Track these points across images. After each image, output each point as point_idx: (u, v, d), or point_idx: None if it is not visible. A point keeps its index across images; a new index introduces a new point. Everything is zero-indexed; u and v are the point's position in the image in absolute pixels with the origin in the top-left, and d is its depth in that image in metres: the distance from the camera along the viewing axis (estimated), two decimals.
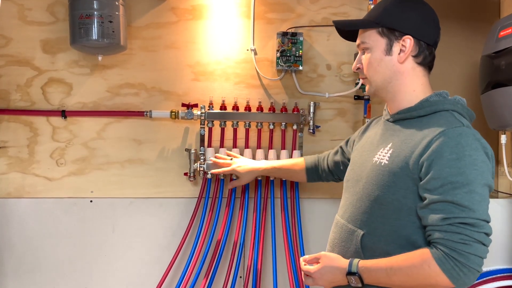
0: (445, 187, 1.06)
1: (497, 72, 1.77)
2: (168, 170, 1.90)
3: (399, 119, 1.25)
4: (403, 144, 1.17)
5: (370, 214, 1.20)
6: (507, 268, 1.94)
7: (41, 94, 1.84)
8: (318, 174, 1.66)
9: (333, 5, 1.94)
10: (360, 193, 1.24)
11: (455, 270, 1.03)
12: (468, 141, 1.08)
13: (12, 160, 1.84)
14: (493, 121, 1.84)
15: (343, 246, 1.26)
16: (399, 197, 1.14)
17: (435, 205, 1.07)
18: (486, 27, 1.94)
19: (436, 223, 1.07)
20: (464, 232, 1.04)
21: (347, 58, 1.95)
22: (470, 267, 1.03)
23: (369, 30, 1.23)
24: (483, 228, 1.05)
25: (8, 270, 1.84)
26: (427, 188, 1.09)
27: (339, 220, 1.31)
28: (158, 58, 1.89)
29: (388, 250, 1.15)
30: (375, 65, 1.23)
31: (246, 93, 1.92)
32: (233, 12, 1.91)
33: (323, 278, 1.23)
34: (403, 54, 1.21)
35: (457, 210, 1.05)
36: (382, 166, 1.19)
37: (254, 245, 1.84)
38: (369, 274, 1.14)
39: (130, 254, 1.89)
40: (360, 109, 1.96)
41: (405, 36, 1.20)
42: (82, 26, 1.64)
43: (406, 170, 1.13)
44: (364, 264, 1.15)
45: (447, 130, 1.10)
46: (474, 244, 1.03)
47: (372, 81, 1.26)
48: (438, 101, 1.20)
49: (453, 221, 1.05)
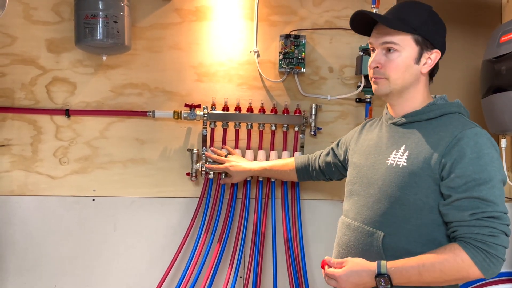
0: (469, 184, 1.13)
1: (498, 77, 1.78)
2: (170, 170, 1.91)
3: (407, 122, 1.28)
4: (419, 146, 1.22)
5: (391, 215, 1.23)
6: (508, 272, 1.95)
7: (45, 93, 1.86)
8: (309, 173, 1.70)
9: (335, 8, 1.96)
10: (377, 195, 1.26)
11: (485, 262, 1.10)
12: (484, 140, 1.16)
13: (15, 158, 1.85)
14: (493, 125, 1.85)
15: (361, 248, 1.27)
16: (421, 196, 1.19)
17: (460, 202, 1.13)
18: (488, 32, 1.95)
19: (464, 219, 1.13)
20: (492, 225, 1.11)
21: (349, 61, 1.96)
22: (498, 257, 1.11)
23: (405, 33, 1.24)
24: (505, 220, 1.13)
25: (10, 267, 1.85)
26: (451, 186, 1.15)
27: (352, 223, 1.31)
28: (162, 58, 1.90)
29: (409, 249, 1.19)
30: (402, 70, 1.25)
31: (248, 94, 1.93)
32: (236, 14, 1.92)
33: (348, 281, 1.23)
34: (427, 65, 1.27)
35: (483, 205, 1.11)
36: (401, 168, 1.22)
37: (254, 245, 1.85)
38: (400, 274, 1.16)
39: (131, 253, 1.90)
40: (361, 112, 1.97)
41: (435, 50, 1.26)
42: (87, 26, 1.65)
43: (427, 170, 1.18)
44: (393, 265, 1.17)
45: (464, 131, 1.17)
46: (501, 235, 1.11)
47: (393, 84, 1.27)
48: (445, 104, 1.27)
49: (481, 216, 1.11)
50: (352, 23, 1.36)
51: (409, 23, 1.24)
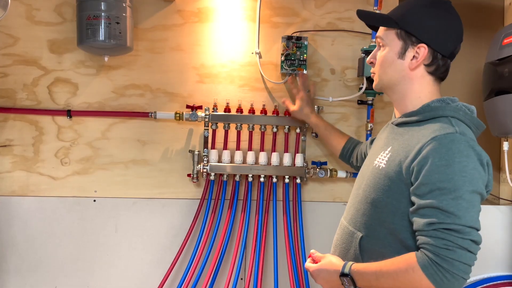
0: (433, 193, 1.07)
1: (500, 79, 1.77)
2: (172, 171, 1.91)
3: (401, 123, 1.25)
4: (400, 149, 1.18)
5: (368, 216, 1.22)
6: (508, 275, 1.95)
7: (47, 94, 1.86)
8: (351, 155, 1.70)
9: (338, 10, 1.96)
10: (360, 196, 1.26)
11: (438, 276, 1.03)
12: (460, 148, 1.08)
13: (17, 158, 1.85)
14: (496, 128, 1.85)
15: (343, 248, 1.28)
16: (393, 200, 1.16)
17: (422, 210, 1.08)
18: (490, 34, 1.95)
19: (422, 228, 1.07)
20: (448, 238, 1.04)
21: (351, 63, 1.96)
22: (453, 273, 1.03)
23: (389, 28, 1.23)
24: (469, 235, 1.04)
25: (11, 268, 1.85)
26: (416, 193, 1.10)
27: (342, 222, 1.34)
28: (164, 60, 1.90)
29: (384, 253, 1.16)
30: (386, 66, 1.24)
31: (250, 96, 1.93)
32: (238, 16, 1.92)
33: (319, 276, 1.25)
34: (415, 61, 1.20)
35: (443, 216, 1.05)
36: (380, 169, 1.20)
37: (255, 247, 1.85)
38: (361, 276, 1.15)
39: (132, 254, 1.90)
40: (363, 114, 1.97)
41: (421, 44, 1.19)
42: (89, 27, 1.66)
43: (400, 175, 1.14)
44: (356, 267, 1.17)
45: (438, 136, 1.10)
46: (458, 250, 1.03)
47: (379, 79, 1.27)
48: (439, 107, 1.19)
49: (438, 227, 1.05)
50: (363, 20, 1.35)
51: (393, 14, 1.23)
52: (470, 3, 2.16)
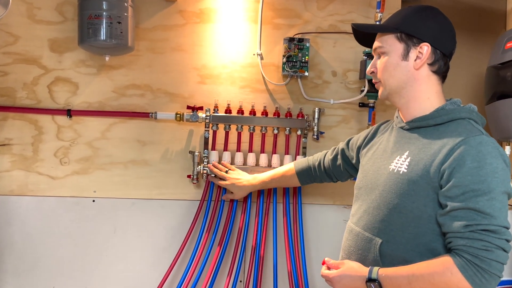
0: (467, 195, 1.08)
1: (502, 83, 1.77)
2: (171, 172, 1.90)
3: (414, 127, 1.25)
4: (421, 153, 1.19)
5: (389, 222, 1.21)
6: (509, 280, 1.94)
7: (47, 93, 1.85)
8: (311, 176, 1.67)
9: (340, 13, 1.95)
10: (377, 201, 1.25)
11: (477, 277, 1.05)
12: (488, 149, 1.11)
13: (16, 157, 1.84)
14: (498, 131, 1.84)
15: (360, 254, 1.26)
16: (419, 205, 1.16)
17: (456, 212, 1.09)
18: (493, 38, 1.95)
19: (458, 230, 1.08)
20: (486, 239, 1.06)
21: (352, 65, 1.96)
22: (491, 273, 1.05)
23: (388, 34, 1.25)
24: (504, 234, 1.07)
25: (9, 268, 1.83)
26: (448, 196, 1.11)
27: (354, 228, 1.31)
28: (165, 60, 1.89)
29: (407, 258, 1.16)
30: (391, 69, 1.25)
31: (251, 97, 1.92)
32: (240, 17, 1.92)
33: (341, 283, 1.23)
34: (419, 60, 1.22)
35: (479, 217, 1.07)
36: (401, 174, 1.20)
37: (255, 249, 1.84)
38: (390, 281, 1.15)
39: (131, 255, 1.89)
40: (364, 117, 1.96)
41: (423, 43, 1.21)
42: (90, 26, 1.65)
43: (427, 178, 1.15)
44: (384, 272, 1.16)
45: (467, 139, 1.12)
46: (496, 250, 1.06)
47: (387, 85, 1.27)
48: (454, 109, 1.22)
49: (475, 228, 1.07)
50: (356, 37, 1.37)
51: (389, 23, 1.26)
52: (473, 7, 2.16)
